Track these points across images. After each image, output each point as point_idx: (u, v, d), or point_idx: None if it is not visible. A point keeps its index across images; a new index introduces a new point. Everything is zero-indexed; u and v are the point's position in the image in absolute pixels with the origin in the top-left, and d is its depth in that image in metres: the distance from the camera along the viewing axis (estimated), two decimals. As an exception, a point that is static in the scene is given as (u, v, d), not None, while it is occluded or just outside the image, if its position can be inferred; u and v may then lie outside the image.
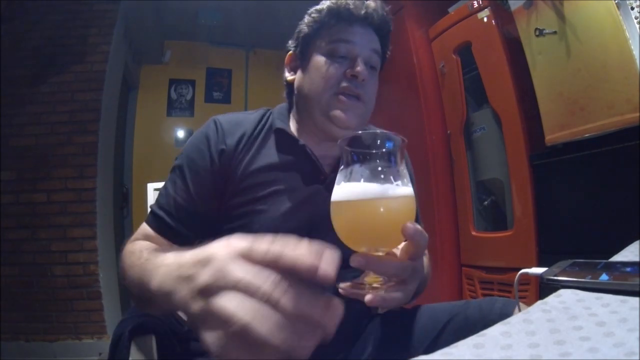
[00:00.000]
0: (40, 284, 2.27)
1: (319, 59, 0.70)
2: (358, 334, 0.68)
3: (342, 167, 0.45)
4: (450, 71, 1.94)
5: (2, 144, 2.32)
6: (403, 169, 0.44)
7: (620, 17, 1.24)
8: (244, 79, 3.83)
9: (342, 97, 0.67)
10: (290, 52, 0.76)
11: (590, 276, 0.40)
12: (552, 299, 0.37)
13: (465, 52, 1.87)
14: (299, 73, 0.74)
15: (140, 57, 3.43)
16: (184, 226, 0.66)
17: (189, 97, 3.73)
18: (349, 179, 0.43)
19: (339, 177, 0.45)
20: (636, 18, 1.24)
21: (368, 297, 0.41)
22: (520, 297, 0.58)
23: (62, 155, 2.38)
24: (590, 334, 0.29)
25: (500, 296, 1.67)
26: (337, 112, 0.67)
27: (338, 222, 0.44)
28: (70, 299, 2.29)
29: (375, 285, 0.44)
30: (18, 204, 2.31)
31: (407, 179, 0.44)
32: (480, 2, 1.75)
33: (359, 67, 0.67)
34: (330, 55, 0.69)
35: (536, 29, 1.47)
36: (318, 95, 0.69)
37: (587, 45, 1.33)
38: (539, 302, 0.36)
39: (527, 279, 1.47)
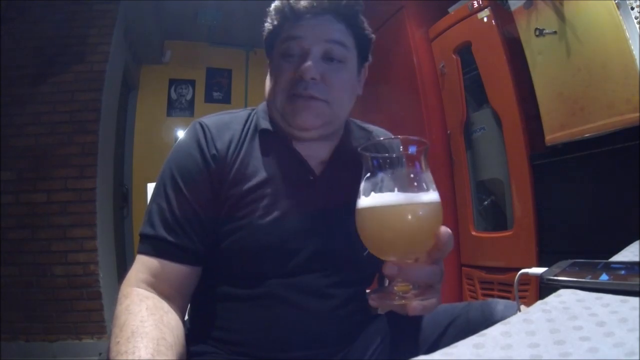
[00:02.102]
0: (40, 284, 2.27)
1: (274, 61, 0.67)
2: (358, 334, 0.68)
3: (367, 175, 0.44)
4: (450, 71, 1.94)
5: (2, 144, 2.32)
6: (428, 174, 0.44)
7: (620, 17, 1.24)
8: (244, 79, 3.84)
9: (294, 99, 0.63)
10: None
11: (590, 276, 0.40)
12: (552, 299, 0.37)
13: (465, 52, 1.87)
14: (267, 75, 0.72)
15: (140, 57, 3.44)
16: (191, 240, 0.61)
17: (189, 97, 3.73)
18: (378, 186, 0.42)
19: (365, 185, 0.44)
20: (636, 18, 1.24)
21: (412, 307, 0.41)
22: (520, 297, 0.58)
23: (62, 155, 2.38)
24: (590, 334, 0.29)
25: (500, 296, 1.68)
26: (291, 115, 0.64)
27: (367, 231, 0.43)
28: (70, 299, 2.29)
29: (406, 293, 0.43)
30: (18, 204, 2.31)
31: (433, 184, 0.43)
32: (480, 2, 1.75)
33: (305, 65, 0.62)
34: (283, 55, 0.65)
35: (536, 29, 1.47)
36: (274, 99, 0.66)
37: (587, 45, 1.33)
38: (539, 302, 0.36)
39: (527, 279, 1.47)
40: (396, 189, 0.41)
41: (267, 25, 0.69)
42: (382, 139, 0.44)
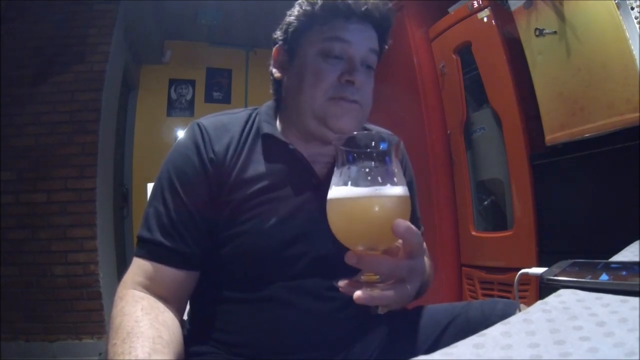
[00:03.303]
0: (40, 284, 2.27)
1: (311, 58, 0.64)
2: (358, 334, 0.68)
3: (336, 167, 0.46)
4: (450, 71, 1.94)
5: (2, 144, 2.32)
6: (397, 168, 0.45)
7: (620, 17, 1.24)
8: (244, 79, 3.84)
9: (338, 101, 0.62)
10: (278, 45, 0.70)
11: (590, 276, 0.40)
12: (552, 299, 0.37)
13: (465, 52, 1.87)
14: (288, 71, 0.68)
15: (140, 57, 3.44)
16: (188, 245, 0.61)
17: (189, 97, 3.73)
18: (343, 178, 0.44)
19: (334, 177, 0.45)
20: (636, 18, 1.24)
21: (356, 294, 0.41)
22: (520, 297, 0.58)
23: (62, 155, 2.38)
24: (590, 334, 0.29)
25: (500, 296, 1.68)
26: (334, 118, 0.62)
27: (333, 220, 0.45)
28: (70, 299, 2.29)
29: (372, 283, 0.44)
30: (18, 204, 2.31)
31: (400, 178, 0.44)
32: (480, 2, 1.75)
33: (357, 72, 0.62)
34: (324, 55, 0.63)
35: (536, 29, 1.47)
36: (310, 99, 0.63)
37: (587, 45, 1.33)
38: (539, 302, 0.36)
39: (527, 279, 1.47)
40: (351, 183, 0.43)
41: (302, 16, 0.65)
42: (355, 133, 0.45)
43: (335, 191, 0.44)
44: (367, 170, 0.43)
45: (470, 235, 1.88)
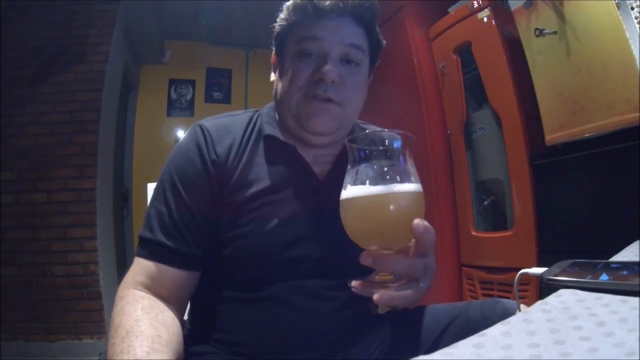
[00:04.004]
0: (40, 284, 2.27)
1: (289, 60, 0.65)
2: (358, 334, 0.68)
3: (349, 166, 0.45)
4: (450, 71, 1.94)
5: (2, 144, 2.32)
6: (411, 167, 0.44)
7: (620, 17, 1.24)
8: (244, 79, 3.84)
9: (311, 101, 0.62)
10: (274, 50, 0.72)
11: (590, 276, 0.40)
12: (552, 299, 0.37)
13: (465, 52, 1.87)
14: (276, 74, 0.70)
15: (140, 57, 3.44)
16: (189, 245, 0.61)
17: (189, 97, 3.73)
18: (356, 178, 0.43)
19: (346, 176, 0.45)
20: (636, 18, 1.24)
21: (376, 296, 0.40)
22: (520, 297, 0.58)
23: (62, 155, 2.38)
24: (590, 334, 0.29)
25: (500, 296, 1.68)
26: (307, 117, 0.62)
27: (347, 220, 0.44)
28: (70, 299, 2.29)
29: (386, 283, 0.44)
30: (18, 204, 2.31)
31: (415, 177, 0.44)
32: (480, 2, 1.75)
33: (326, 68, 0.61)
34: (298, 56, 0.64)
35: (536, 29, 1.47)
36: (287, 99, 0.64)
37: (587, 45, 1.33)
38: (539, 302, 0.36)
39: (527, 279, 1.47)
40: (368, 182, 0.42)
41: (282, 22, 0.66)
42: (367, 131, 0.45)
43: (352, 190, 0.43)
44: (381, 169, 0.43)
45: (470, 235, 1.88)
